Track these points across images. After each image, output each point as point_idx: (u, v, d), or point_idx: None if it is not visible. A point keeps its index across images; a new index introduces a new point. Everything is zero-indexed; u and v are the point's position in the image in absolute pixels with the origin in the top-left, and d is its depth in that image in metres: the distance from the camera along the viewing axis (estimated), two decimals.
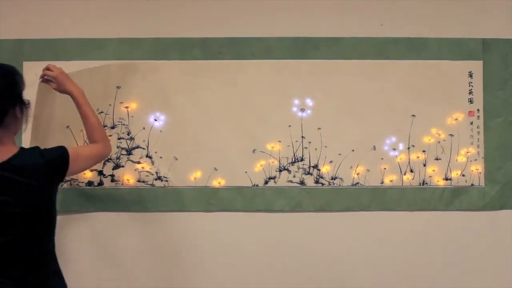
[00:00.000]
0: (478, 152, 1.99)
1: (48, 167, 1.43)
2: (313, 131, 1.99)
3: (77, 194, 1.98)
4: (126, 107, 1.96)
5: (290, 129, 1.99)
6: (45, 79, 1.78)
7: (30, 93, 1.98)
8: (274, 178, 1.99)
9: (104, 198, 1.98)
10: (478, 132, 1.99)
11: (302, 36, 1.99)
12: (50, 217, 1.49)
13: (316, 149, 1.99)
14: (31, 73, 1.98)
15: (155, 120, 1.98)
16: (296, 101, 1.99)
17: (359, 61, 1.99)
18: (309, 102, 1.99)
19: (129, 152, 1.97)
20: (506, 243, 2.01)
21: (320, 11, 2.00)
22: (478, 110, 1.99)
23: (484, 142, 1.99)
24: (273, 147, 1.99)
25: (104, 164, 1.96)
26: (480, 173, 1.99)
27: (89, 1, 2.00)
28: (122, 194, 1.98)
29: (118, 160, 1.96)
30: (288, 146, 1.99)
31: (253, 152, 1.99)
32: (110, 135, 1.92)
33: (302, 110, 1.99)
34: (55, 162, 1.47)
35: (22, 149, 1.44)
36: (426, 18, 2.00)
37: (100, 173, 1.97)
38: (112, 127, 1.95)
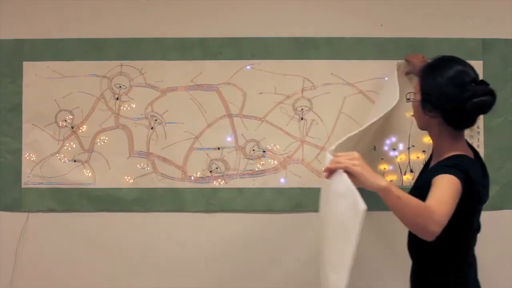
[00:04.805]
0: None
1: None
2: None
3: (77, 194, 1.98)
4: None
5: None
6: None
7: (29, 92, 1.99)
8: None
9: (104, 198, 1.98)
10: (478, 132, 1.99)
11: (302, 36, 1.99)
12: None
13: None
14: (31, 73, 1.99)
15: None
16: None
17: (359, 61, 1.99)
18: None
19: None
20: (506, 243, 2.01)
21: (320, 11, 2.00)
22: None
23: (484, 142, 1.99)
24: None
25: None
26: None
27: (89, 1, 2.00)
28: (122, 194, 1.98)
29: None
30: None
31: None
32: None
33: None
34: None
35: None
36: (426, 18, 2.00)
37: None
38: None
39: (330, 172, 1.25)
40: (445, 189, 1.26)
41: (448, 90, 1.38)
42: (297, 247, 1.99)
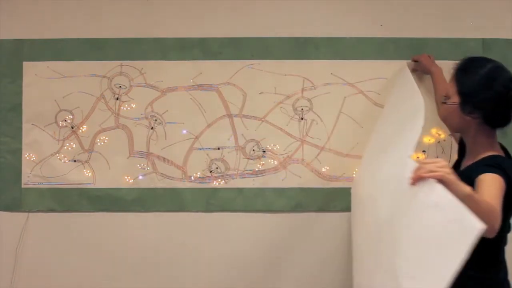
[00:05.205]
0: None
1: None
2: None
3: (77, 194, 1.98)
4: None
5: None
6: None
7: (29, 92, 1.99)
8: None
9: (104, 198, 1.98)
10: None
11: (302, 36, 1.99)
12: None
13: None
14: (31, 73, 1.99)
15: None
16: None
17: (359, 61, 1.99)
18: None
19: None
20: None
21: (320, 11, 2.00)
22: None
23: None
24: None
25: None
26: None
27: (89, 1, 2.00)
28: (122, 194, 1.98)
29: None
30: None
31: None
32: None
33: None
34: None
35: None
36: (426, 18, 2.00)
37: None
38: None
39: (420, 180, 1.20)
40: (494, 187, 1.29)
41: (491, 90, 1.39)
42: (297, 247, 1.99)
